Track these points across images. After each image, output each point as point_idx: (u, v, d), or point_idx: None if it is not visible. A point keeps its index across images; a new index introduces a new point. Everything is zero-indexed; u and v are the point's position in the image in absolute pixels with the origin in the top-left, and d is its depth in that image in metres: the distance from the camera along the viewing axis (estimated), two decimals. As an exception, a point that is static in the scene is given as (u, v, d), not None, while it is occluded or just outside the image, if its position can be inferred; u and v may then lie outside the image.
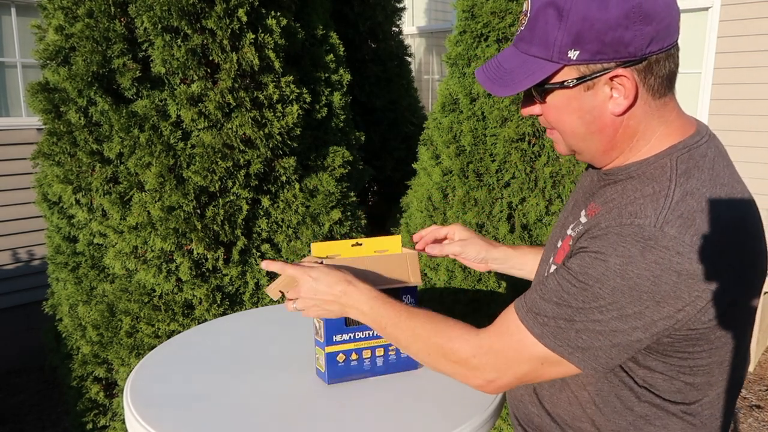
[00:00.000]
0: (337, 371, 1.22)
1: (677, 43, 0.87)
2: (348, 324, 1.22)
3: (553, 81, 0.88)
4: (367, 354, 1.23)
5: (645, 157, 0.91)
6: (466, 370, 0.95)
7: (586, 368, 0.88)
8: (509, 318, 0.93)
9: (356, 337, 1.23)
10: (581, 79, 0.86)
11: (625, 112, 0.88)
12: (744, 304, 0.89)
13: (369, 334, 1.23)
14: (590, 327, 0.85)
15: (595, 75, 0.85)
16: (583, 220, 0.97)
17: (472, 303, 2.58)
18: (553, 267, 1.01)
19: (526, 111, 0.96)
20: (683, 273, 0.80)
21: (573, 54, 0.84)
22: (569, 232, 0.99)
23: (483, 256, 1.31)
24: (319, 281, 1.07)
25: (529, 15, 0.87)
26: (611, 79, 0.86)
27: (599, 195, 0.97)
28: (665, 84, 0.88)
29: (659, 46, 0.84)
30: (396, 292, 1.23)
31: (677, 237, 0.80)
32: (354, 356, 1.23)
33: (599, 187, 0.99)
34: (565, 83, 0.87)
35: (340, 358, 1.22)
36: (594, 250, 0.85)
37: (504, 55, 0.93)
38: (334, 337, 1.21)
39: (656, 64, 0.85)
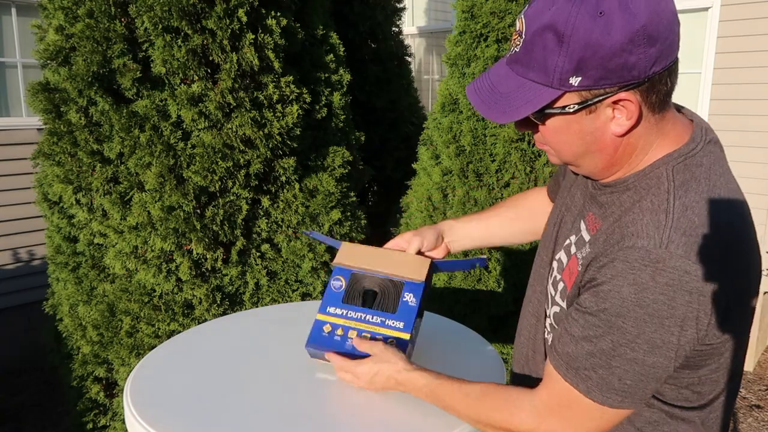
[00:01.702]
0: (318, 339, 1.23)
1: (678, 58, 0.85)
2: (346, 301, 1.24)
3: (554, 107, 0.84)
4: (352, 334, 1.23)
5: (642, 168, 0.90)
6: None
7: (635, 407, 0.88)
8: (553, 378, 0.91)
9: (348, 315, 1.24)
10: (583, 104, 0.83)
11: (627, 133, 0.86)
12: (744, 309, 0.89)
13: (362, 316, 1.23)
14: (629, 369, 0.84)
15: (597, 99, 0.82)
16: (585, 236, 0.95)
17: (472, 303, 2.59)
18: (561, 284, 1.00)
19: (523, 130, 0.94)
20: (693, 291, 0.79)
21: (575, 80, 0.81)
22: (573, 250, 0.98)
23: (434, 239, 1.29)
24: (378, 375, 1.11)
25: (524, 37, 0.83)
26: (614, 102, 0.83)
27: (597, 204, 0.96)
28: (665, 99, 0.86)
29: (662, 66, 0.81)
30: (398, 289, 1.23)
31: (684, 256, 0.79)
32: (339, 332, 1.23)
33: (597, 195, 0.97)
34: (566, 108, 0.84)
35: (326, 328, 1.23)
36: (604, 281, 0.84)
37: (498, 76, 0.89)
38: (328, 308, 1.24)
39: (659, 83, 0.82)
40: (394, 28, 3.90)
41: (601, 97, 0.82)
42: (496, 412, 0.97)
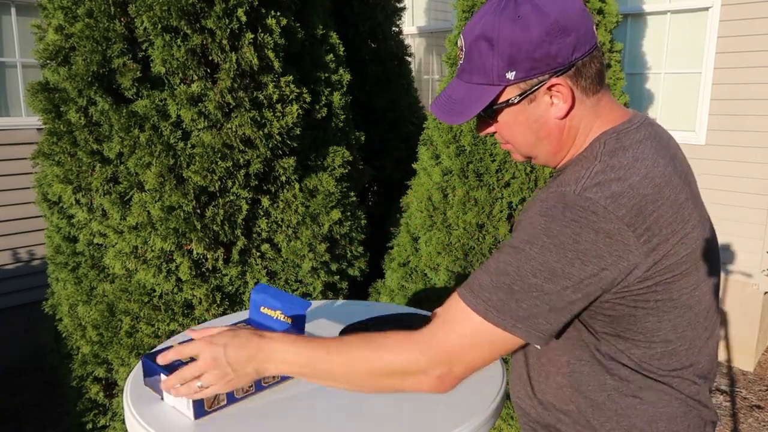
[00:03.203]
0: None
1: (597, 45, 0.98)
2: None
3: (499, 102, 0.98)
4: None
5: (585, 147, 1.02)
6: (415, 376, 0.93)
7: (530, 339, 0.92)
8: (452, 306, 0.95)
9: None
10: (523, 95, 0.96)
11: (566, 115, 0.98)
12: (682, 274, 0.93)
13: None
14: (528, 293, 0.90)
15: (534, 88, 0.96)
16: None
17: (472, 303, 2.58)
18: None
19: (483, 132, 1.06)
20: (600, 231, 0.88)
21: (510, 75, 0.95)
22: None
23: None
24: (229, 346, 0.98)
25: (464, 50, 0.98)
26: (549, 89, 0.96)
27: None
28: (595, 82, 0.99)
29: (582, 52, 0.95)
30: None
31: (592, 199, 0.89)
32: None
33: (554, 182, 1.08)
34: (510, 101, 0.97)
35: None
36: (523, 218, 0.94)
37: (451, 88, 1.02)
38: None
39: (583, 68, 0.96)
40: (394, 28, 3.90)
41: (536, 86, 0.95)
42: (374, 353, 0.95)
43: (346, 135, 2.69)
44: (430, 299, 2.66)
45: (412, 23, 6.45)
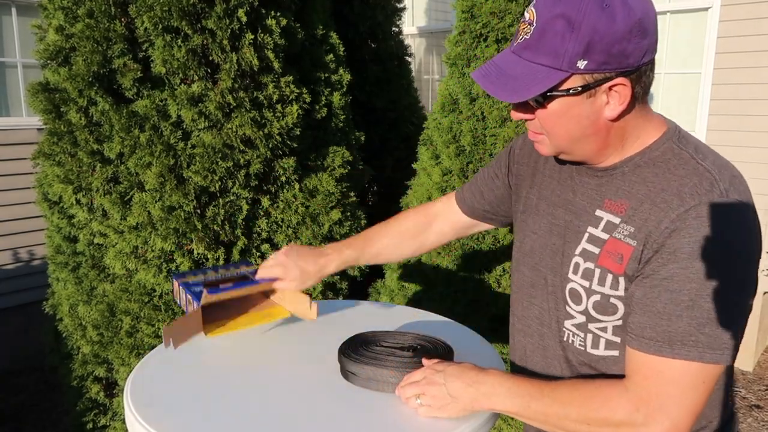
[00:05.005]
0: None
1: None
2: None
3: (560, 89, 0.91)
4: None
5: (642, 148, 0.98)
6: (635, 429, 0.89)
7: (732, 360, 0.89)
8: (645, 361, 0.90)
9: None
10: (586, 87, 0.90)
11: (618, 117, 0.94)
12: None
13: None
14: (728, 315, 0.86)
15: (598, 83, 0.90)
16: (613, 219, 0.98)
17: (472, 303, 2.58)
18: (600, 271, 0.99)
19: (518, 116, 1.00)
20: (753, 229, 0.89)
21: (581, 64, 0.88)
22: (605, 236, 0.99)
23: (312, 269, 1.38)
24: (448, 370, 1.05)
25: (536, 25, 0.90)
26: (610, 88, 0.91)
27: (610, 190, 1.00)
28: (647, 91, 0.96)
29: (649, 58, 0.91)
30: None
31: (740, 199, 0.90)
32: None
33: (602, 182, 1.02)
34: (571, 90, 0.91)
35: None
36: (682, 243, 0.88)
37: (505, 62, 0.94)
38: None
39: (644, 74, 0.93)
40: (394, 28, 3.90)
41: (601, 82, 0.90)
42: (590, 401, 0.93)
43: (346, 135, 2.69)
44: (430, 299, 2.66)
45: (412, 23, 6.45)
